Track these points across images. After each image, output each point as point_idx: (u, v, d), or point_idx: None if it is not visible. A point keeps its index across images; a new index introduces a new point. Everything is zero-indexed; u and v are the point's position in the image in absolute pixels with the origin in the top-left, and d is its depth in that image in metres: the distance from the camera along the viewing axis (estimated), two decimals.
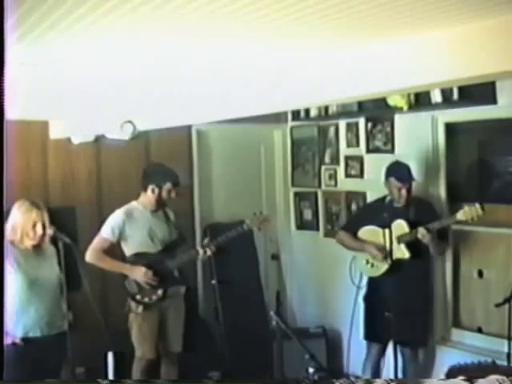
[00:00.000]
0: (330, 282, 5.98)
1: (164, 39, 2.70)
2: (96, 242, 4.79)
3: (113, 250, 4.84)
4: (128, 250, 4.84)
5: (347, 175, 5.88)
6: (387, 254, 4.80)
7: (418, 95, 4.77)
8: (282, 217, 6.56)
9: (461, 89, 4.47)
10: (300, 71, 3.28)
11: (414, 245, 4.73)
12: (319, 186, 6.22)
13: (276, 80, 3.43)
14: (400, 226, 4.73)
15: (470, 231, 5.07)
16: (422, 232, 4.59)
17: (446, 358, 5.17)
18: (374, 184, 5.26)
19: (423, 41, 2.68)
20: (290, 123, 6.41)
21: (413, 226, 4.70)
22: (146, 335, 4.80)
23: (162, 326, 4.89)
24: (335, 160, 6.02)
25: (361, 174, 5.74)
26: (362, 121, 5.70)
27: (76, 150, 5.61)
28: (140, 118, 4.49)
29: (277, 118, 6.18)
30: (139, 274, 4.77)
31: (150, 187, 4.85)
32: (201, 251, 4.89)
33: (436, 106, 4.81)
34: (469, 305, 5.20)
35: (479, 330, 5.09)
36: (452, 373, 2.99)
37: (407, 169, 4.88)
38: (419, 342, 5.01)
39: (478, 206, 4.36)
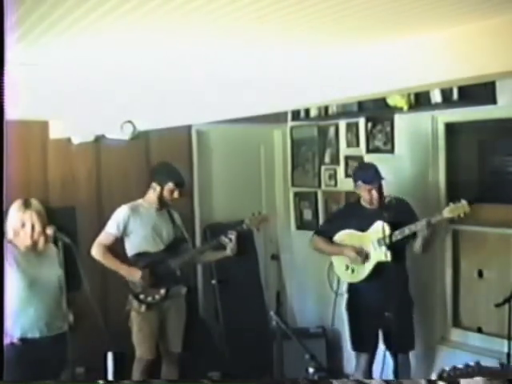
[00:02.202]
0: None
1: (164, 39, 2.70)
2: (101, 237, 4.80)
3: (117, 247, 4.84)
4: (130, 247, 4.85)
5: (347, 175, 5.88)
6: (367, 255, 4.72)
7: (417, 95, 4.78)
8: (282, 217, 6.56)
9: (461, 89, 4.48)
10: (300, 71, 3.28)
11: (394, 247, 4.61)
12: (319, 186, 6.22)
13: (276, 80, 3.43)
14: (381, 227, 4.56)
15: (470, 231, 5.07)
16: (421, 226, 4.44)
17: (446, 358, 5.18)
18: None
19: (423, 41, 2.68)
20: (290, 123, 6.41)
21: (393, 227, 4.57)
22: (146, 335, 4.81)
23: (163, 326, 4.89)
24: (335, 160, 6.02)
25: None
26: (362, 121, 5.70)
27: (76, 150, 5.61)
28: (140, 118, 4.49)
29: (277, 118, 6.17)
30: (136, 276, 4.77)
31: (153, 185, 4.87)
32: (226, 240, 4.83)
33: (436, 106, 4.82)
34: (469, 305, 5.21)
35: (479, 330, 5.09)
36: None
37: (374, 169, 4.74)
38: (408, 345, 4.84)
39: (464, 202, 4.31)
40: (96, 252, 4.76)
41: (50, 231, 3.91)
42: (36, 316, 3.94)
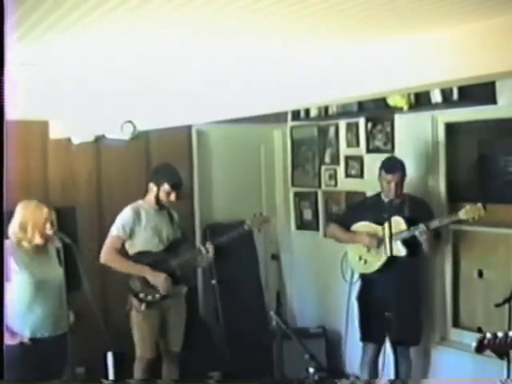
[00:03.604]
0: (330, 282, 5.98)
1: (164, 39, 2.70)
2: (109, 242, 4.77)
3: (123, 253, 4.83)
4: (132, 247, 4.83)
5: (347, 175, 5.88)
6: (381, 240, 4.76)
7: (418, 95, 4.77)
8: (282, 217, 6.56)
9: (461, 89, 4.47)
10: (300, 71, 3.28)
11: (409, 242, 4.70)
12: (319, 186, 6.22)
13: (276, 80, 3.43)
14: (397, 222, 4.68)
15: (470, 231, 5.07)
16: (420, 230, 4.57)
17: (446, 358, 5.18)
18: (374, 184, 5.25)
19: (423, 41, 2.68)
20: (290, 123, 6.41)
21: (408, 223, 4.68)
22: (147, 335, 4.81)
23: (163, 325, 4.89)
24: (335, 160, 6.02)
25: (361, 174, 5.74)
26: (362, 121, 5.70)
27: (76, 150, 5.61)
28: (140, 118, 4.48)
29: (277, 118, 6.17)
30: (160, 280, 4.77)
31: (150, 185, 4.87)
32: (203, 251, 4.90)
33: (436, 106, 4.81)
34: (469, 305, 5.20)
35: (479, 330, 5.07)
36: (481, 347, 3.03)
37: (399, 162, 4.88)
38: (413, 340, 4.95)
39: (480, 205, 4.35)
40: (106, 259, 4.73)
41: (50, 231, 3.92)
42: (43, 316, 3.96)
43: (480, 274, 5.06)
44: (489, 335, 2.87)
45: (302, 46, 2.99)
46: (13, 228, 3.90)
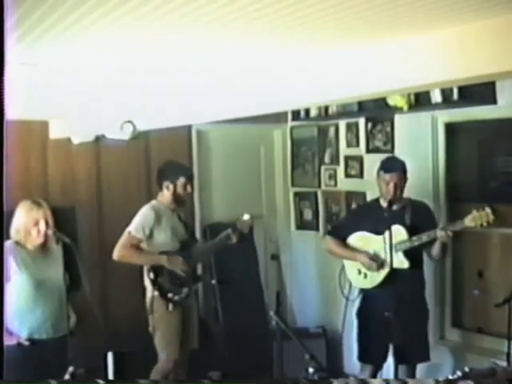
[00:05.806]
0: (330, 282, 5.97)
1: (164, 39, 2.70)
2: (125, 239, 4.68)
3: (139, 248, 4.77)
4: (152, 247, 4.76)
5: (347, 175, 5.88)
6: (382, 262, 4.48)
7: (417, 95, 4.77)
8: (282, 217, 6.56)
9: (461, 89, 4.48)
10: (300, 71, 3.28)
11: (411, 253, 4.44)
12: (319, 186, 6.22)
13: (276, 80, 3.43)
14: (397, 232, 4.36)
15: (470, 231, 5.05)
16: (441, 233, 4.25)
17: (446, 358, 5.18)
18: (373, 184, 5.24)
19: (423, 41, 2.68)
20: (290, 123, 6.42)
21: (410, 232, 4.40)
22: (173, 336, 4.72)
23: (185, 324, 4.82)
24: (335, 160, 6.02)
25: (361, 174, 5.74)
26: (362, 121, 5.70)
27: (76, 150, 5.61)
28: (140, 118, 4.48)
29: (277, 118, 6.18)
30: (178, 263, 4.72)
31: (165, 184, 4.82)
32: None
33: (436, 106, 4.82)
34: (469, 305, 5.20)
35: (479, 330, 5.09)
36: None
37: (400, 162, 4.60)
38: (421, 357, 4.59)
39: (488, 210, 4.11)
40: (120, 255, 4.63)
41: (49, 231, 3.92)
42: (43, 317, 3.95)
43: (480, 274, 5.06)
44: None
45: (301, 46, 2.99)
46: (12, 228, 3.91)
